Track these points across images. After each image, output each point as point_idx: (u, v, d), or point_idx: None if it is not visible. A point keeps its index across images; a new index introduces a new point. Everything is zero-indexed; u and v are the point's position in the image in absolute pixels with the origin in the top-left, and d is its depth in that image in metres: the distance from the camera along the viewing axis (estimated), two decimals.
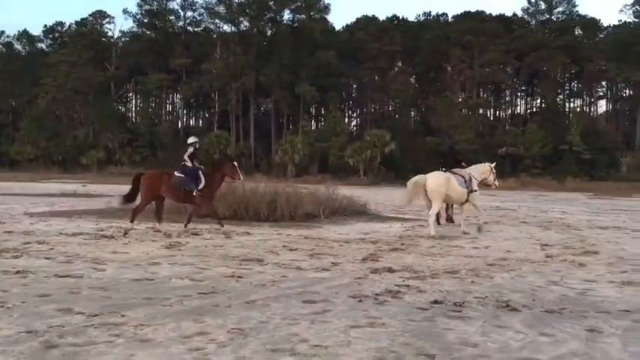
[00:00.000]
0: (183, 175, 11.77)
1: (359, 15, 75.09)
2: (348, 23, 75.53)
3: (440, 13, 76.86)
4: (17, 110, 72.86)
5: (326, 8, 68.21)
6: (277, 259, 8.70)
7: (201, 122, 78.55)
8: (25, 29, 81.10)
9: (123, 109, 78.65)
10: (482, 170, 13.84)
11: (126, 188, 12.74)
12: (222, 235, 11.47)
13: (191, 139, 12.55)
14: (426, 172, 13.12)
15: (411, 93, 71.11)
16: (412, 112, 76.12)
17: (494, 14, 70.61)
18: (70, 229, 11.94)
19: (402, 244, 10.83)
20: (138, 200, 12.05)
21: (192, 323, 5.02)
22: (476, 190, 13.08)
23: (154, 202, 12.06)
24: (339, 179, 44.62)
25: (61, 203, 19.62)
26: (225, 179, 12.41)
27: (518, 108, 75.39)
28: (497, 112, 74.34)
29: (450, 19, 74.51)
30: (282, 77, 63.30)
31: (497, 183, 14.17)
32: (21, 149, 66.06)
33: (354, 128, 75.40)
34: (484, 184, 13.84)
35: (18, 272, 7.09)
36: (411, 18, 75.75)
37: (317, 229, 13.32)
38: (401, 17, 74.22)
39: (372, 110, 72.50)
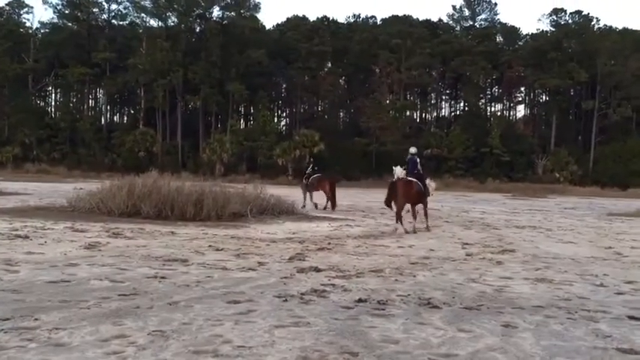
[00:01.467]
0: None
1: (289, 15, 75.18)
2: (279, 22, 75.54)
3: (369, 15, 78.08)
4: None
5: (256, 7, 67.73)
6: (202, 259, 8.57)
7: (126, 119, 76.23)
8: None
9: (42, 104, 75.08)
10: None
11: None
12: (145, 235, 11.18)
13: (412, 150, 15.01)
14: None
15: (340, 94, 71.81)
16: (341, 113, 76.91)
17: (420, 19, 72.52)
18: None
19: (329, 243, 10.91)
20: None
21: (111, 326, 4.85)
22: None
23: None
24: (267, 179, 44.57)
25: None
26: None
27: (443, 111, 77.70)
28: (424, 115, 76.26)
29: (378, 22, 75.81)
30: (211, 75, 62.37)
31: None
32: None
33: (284, 128, 75.29)
34: None
35: None
36: (341, 20, 76.60)
37: (244, 228, 13.21)
38: (331, 18, 74.82)
39: (302, 110, 72.66)
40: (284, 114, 79.90)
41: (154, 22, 68.74)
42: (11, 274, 6.98)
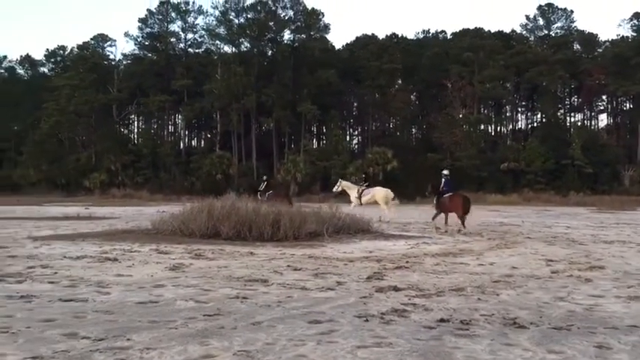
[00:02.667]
0: None
1: (358, 34, 75.77)
2: (348, 42, 76.20)
3: (439, 30, 77.55)
4: (20, 134, 73.19)
5: (326, 28, 68.73)
6: (282, 280, 8.67)
7: (203, 143, 78.76)
8: (27, 54, 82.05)
9: (125, 132, 78.95)
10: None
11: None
12: (225, 256, 11.46)
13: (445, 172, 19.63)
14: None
15: (412, 110, 71.41)
16: (413, 130, 76.38)
17: (492, 31, 71.19)
18: (73, 252, 11.91)
19: (407, 262, 10.79)
20: None
21: (198, 346, 4.99)
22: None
23: None
24: (342, 197, 44.66)
25: (64, 226, 19.58)
26: None
27: (519, 123, 75.61)
28: (499, 128, 74.50)
29: (448, 37, 75.10)
30: (283, 97, 63.62)
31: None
32: (24, 173, 66.14)
33: (356, 146, 75.55)
34: None
35: (22, 297, 7.07)
36: (410, 36, 76.47)
37: (321, 248, 13.29)
38: (400, 35, 74.86)
39: (373, 128, 72.70)
40: (356, 132, 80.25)
41: (227, 49, 71.08)
42: (103, 295, 7.32)
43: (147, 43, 73.41)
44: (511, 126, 74.64)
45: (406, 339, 5.27)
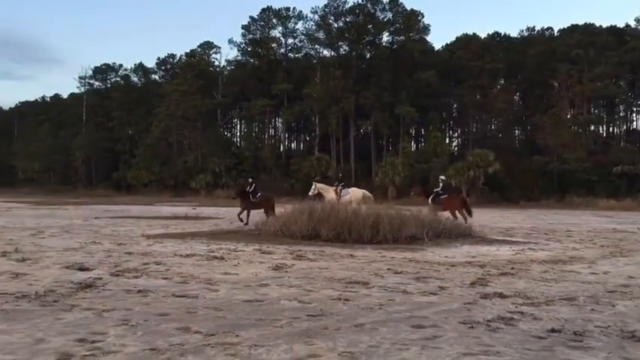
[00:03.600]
0: None
1: (459, 34, 74.00)
2: (448, 42, 74.67)
3: (545, 27, 74.15)
4: (134, 138, 77.94)
5: (425, 29, 67.84)
6: (383, 282, 8.66)
7: (302, 145, 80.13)
8: (140, 62, 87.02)
9: (228, 135, 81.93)
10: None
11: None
12: (326, 257, 11.61)
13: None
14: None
15: (515, 111, 68.80)
16: (516, 131, 73.48)
17: (604, 26, 67.11)
18: (183, 250, 12.53)
19: (512, 268, 10.42)
20: None
21: (304, 345, 5.09)
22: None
23: None
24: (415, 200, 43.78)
25: (174, 225, 20.65)
26: None
27: (635, 124, 70.69)
28: (611, 129, 70.10)
29: (555, 34, 71.64)
30: (381, 99, 63.43)
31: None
32: (137, 174, 70.42)
33: (456, 149, 73.89)
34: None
35: (139, 292, 7.53)
36: (514, 34, 73.61)
37: (421, 251, 13.13)
38: (503, 34, 72.35)
39: (474, 130, 70.79)
40: (455, 134, 78.51)
41: (326, 52, 71.88)
42: (212, 292, 7.64)
43: (249, 49, 75.76)
44: (625, 126, 69.99)
45: (515, 348, 5.10)
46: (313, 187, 23.60)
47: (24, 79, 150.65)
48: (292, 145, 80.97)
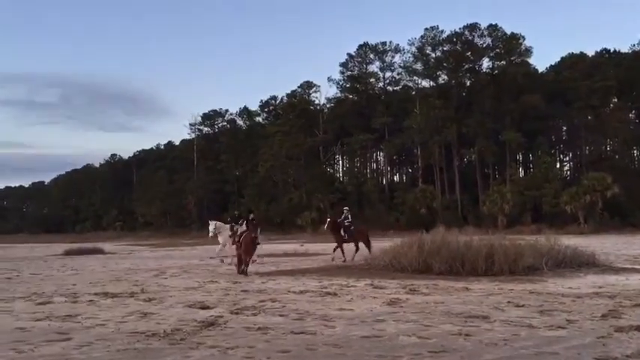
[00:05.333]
0: None
1: (563, 54, 71.07)
2: (552, 64, 71.88)
3: None
4: (241, 179, 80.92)
5: (527, 51, 65.78)
6: (504, 316, 8.29)
7: (405, 178, 79.57)
8: (245, 106, 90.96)
9: (331, 171, 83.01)
10: None
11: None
12: (440, 291, 11.31)
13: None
14: None
15: (632, 130, 64.55)
16: (635, 151, 68.78)
17: None
18: (296, 287, 12.69)
19: None
20: None
21: None
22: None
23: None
24: (555, 228, 41.65)
25: (284, 263, 21.03)
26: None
27: None
28: None
29: None
30: (485, 126, 61.90)
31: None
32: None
33: (567, 173, 70.32)
34: None
35: (259, 329, 7.68)
36: (625, 49, 69.62)
37: (541, 282, 12.47)
38: (612, 50, 68.72)
39: (587, 152, 67.08)
40: (566, 158, 74.76)
41: (425, 83, 71.55)
42: (329, 329, 7.65)
43: (348, 86, 77.03)
44: None
45: None
46: (212, 226, 22.14)
47: (137, 130, 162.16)
48: (395, 178, 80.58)
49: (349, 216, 21.58)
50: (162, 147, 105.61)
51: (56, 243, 54.26)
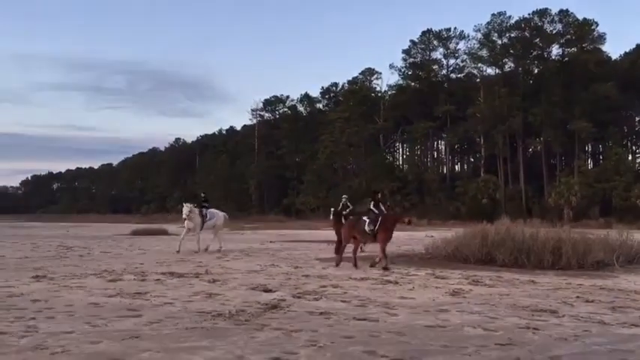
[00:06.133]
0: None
1: (639, 41, 67.82)
2: (627, 51, 68.70)
3: None
4: (301, 165, 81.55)
5: (600, 38, 63.19)
6: (574, 311, 8.03)
7: (467, 167, 78.17)
8: (306, 92, 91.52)
9: (391, 159, 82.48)
10: None
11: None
12: (505, 283, 11.07)
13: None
14: None
15: None
16: None
17: None
18: (357, 274, 12.70)
19: None
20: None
21: None
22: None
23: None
24: (625, 223, 39.97)
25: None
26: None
27: None
28: None
29: None
30: (552, 115, 59.89)
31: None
32: (305, 200, 73.43)
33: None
34: None
35: (321, 314, 7.72)
36: None
37: (612, 278, 12.01)
38: None
39: None
40: (639, 150, 71.48)
41: (490, 71, 69.92)
42: (392, 317, 7.61)
43: (410, 73, 76.10)
44: None
45: None
46: (186, 209, 18.94)
47: (199, 116, 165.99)
48: (456, 167, 79.34)
49: (349, 204, 19.58)
50: (224, 132, 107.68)
51: (123, 223, 56.37)
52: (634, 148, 70.82)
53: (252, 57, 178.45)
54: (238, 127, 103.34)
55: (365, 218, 14.22)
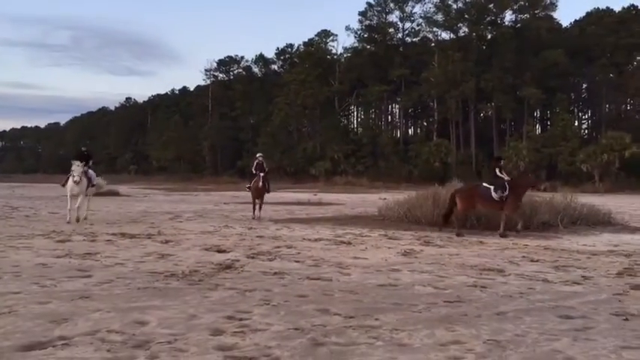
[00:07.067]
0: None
1: (589, 9, 69.09)
2: (577, 18, 69.96)
3: None
4: (255, 127, 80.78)
5: (552, 5, 64.03)
6: (519, 270, 8.33)
7: (420, 131, 79.01)
8: (260, 53, 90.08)
9: (346, 122, 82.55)
10: None
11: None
12: (455, 243, 11.37)
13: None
14: None
15: None
16: None
17: None
18: (310, 234, 12.80)
19: None
20: None
21: (445, 331, 4.99)
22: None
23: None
24: (570, 186, 41.37)
25: (298, 211, 21.17)
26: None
27: None
28: None
29: None
30: (504, 81, 60.85)
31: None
32: None
33: (586, 131, 69.43)
34: None
35: (275, 274, 7.77)
36: None
37: (556, 239, 12.48)
38: None
39: (607, 111, 66.00)
40: (585, 116, 73.68)
41: (445, 35, 70.19)
42: (345, 276, 7.73)
43: (366, 36, 75.64)
44: None
45: None
46: (79, 169, 15.01)
47: (148, 75, 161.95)
48: (410, 131, 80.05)
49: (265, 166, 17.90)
50: (177, 92, 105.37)
51: None
52: (580, 114, 72.91)
53: (204, 16, 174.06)
54: (192, 88, 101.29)
55: (486, 185, 13.55)
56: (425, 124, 78.44)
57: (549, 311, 5.78)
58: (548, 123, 68.18)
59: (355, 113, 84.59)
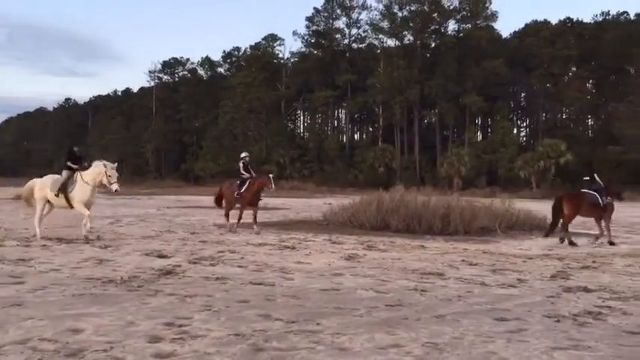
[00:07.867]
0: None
1: (527, 20, 71.63)
2: (517, 30, 72.39)
3: (620, 12, 70.68)
4: (200, 130, 79.70)
5: (493, 16, 65.92)
6: (458, 274, 8.52)
7: (365, 136, 79.83)
8: (207, 56, 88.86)
9: (292, 126, 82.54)
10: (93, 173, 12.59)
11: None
12: (397, 248, 11.54)
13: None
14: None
15: (589, 99, 66.05)
16: (590, 121, 70.59)
17: None
18: (255, 239, 12.73)
19: (594, 261, 10.05)
20: None
21: (385, 335, 5.06)
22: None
23: None
24: (509, 192, 42.66)
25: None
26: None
27: None
28: None
29: (632, 18, 68.20)
30: (446, 89, 62.24)
31: (115, 187, 12.59)
32: (204, 166, 72.04)
33: (524, 139, 71.82)
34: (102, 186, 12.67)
35: (217, 279, 7.69)
36: (587, 19, 70.55)
37: (494, 243, 12.84)
38: (575, 19, 69.53)
39: (544, 119, 68.50)
40: (524, 124, 76.22)
41: (390, 42, 71.10)
42: (288, 281, 7.72)
43: (313, 41, 75.92)
44: None
45: (607, 343, 4.89)
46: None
47: (89, 76, 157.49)
48: (356, 136, 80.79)
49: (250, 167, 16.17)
50: (119, 94, 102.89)
51: (7, 187, 52.76)
52: (519, 122, 75.34)
53: (148, 17, 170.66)
54: (135, 89, 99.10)
55: (589, 191, 13.16)
56: (370, 129, 79.32)
57: (486, 314, 5.94)
58: (489, 130, 70.19)
59: (302, 118, 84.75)
